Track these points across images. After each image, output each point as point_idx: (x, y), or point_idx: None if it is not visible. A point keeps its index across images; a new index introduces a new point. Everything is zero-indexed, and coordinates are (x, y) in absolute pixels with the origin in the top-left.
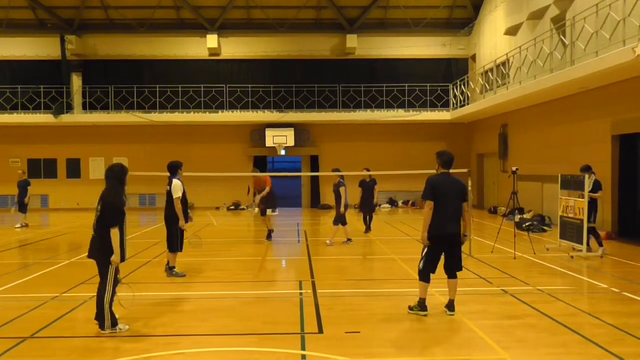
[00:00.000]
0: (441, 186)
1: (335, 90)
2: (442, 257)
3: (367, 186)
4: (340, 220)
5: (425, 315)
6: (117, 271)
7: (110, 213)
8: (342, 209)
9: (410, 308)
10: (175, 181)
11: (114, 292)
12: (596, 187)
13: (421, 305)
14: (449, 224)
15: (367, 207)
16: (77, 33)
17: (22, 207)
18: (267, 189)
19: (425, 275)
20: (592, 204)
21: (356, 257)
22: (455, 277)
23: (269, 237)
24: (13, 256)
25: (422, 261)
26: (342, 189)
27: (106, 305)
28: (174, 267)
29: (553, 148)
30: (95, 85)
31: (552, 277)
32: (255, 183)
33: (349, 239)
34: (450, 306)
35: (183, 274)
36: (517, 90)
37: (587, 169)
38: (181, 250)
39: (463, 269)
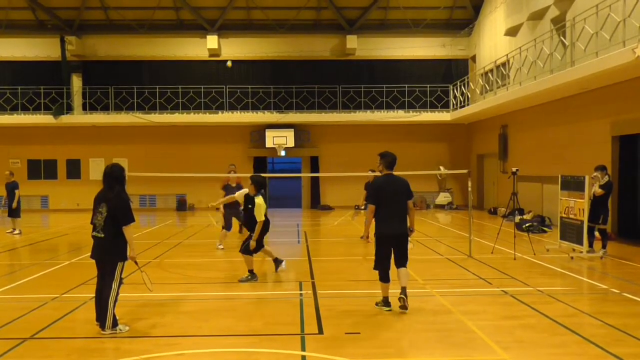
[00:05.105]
0: (386, 187)
1: (335, 91)
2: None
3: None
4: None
5: (389, 310)
6: (122, 271)
7: (123, 212)
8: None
9: (377, 303)
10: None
11: (118, 293)
12: (604, 187)
13: (385, 302)
14: (395, 223)
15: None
16: (77, 34)
17: (15, 212)
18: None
19: (381, 275)
20: (603, 205)
21: (356, 257)
22: (404, 266)
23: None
24: (13, 257)
25: (374, 261)
26: None
27: (111, 305)
28: None
29: (553, 149)
30: (95, 86)
31: (552, 277)
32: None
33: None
34: (402, 293)
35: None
36: (517, 91)
37: (601, 168)
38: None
39: (408, 261)
